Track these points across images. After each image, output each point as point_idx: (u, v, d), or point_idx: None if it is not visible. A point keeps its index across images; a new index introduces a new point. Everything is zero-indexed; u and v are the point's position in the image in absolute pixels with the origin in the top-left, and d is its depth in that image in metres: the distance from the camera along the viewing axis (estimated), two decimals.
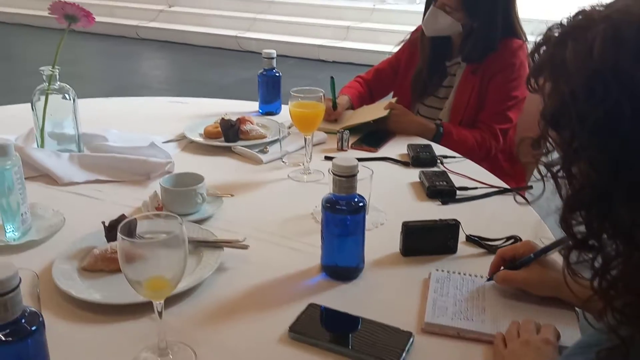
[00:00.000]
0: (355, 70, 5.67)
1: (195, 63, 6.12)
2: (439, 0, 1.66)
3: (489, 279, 0.93)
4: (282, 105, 1.85)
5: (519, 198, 1.25)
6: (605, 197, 0.52)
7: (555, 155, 0.57)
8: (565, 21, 0.57)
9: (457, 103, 1.69)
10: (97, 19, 5.58)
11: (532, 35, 0.62)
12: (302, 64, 5.98)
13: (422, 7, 1.66)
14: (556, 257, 0.90)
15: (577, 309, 0.86)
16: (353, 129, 1.59)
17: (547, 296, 0.88)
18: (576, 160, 0.54)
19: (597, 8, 0.54)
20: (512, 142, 1.69)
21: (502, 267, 0.92)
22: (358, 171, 0.92)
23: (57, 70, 1.36)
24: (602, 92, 0.50)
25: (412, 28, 1.77)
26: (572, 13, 0.56)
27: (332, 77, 1.74)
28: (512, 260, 0.91)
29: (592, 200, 0.53)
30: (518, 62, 1.62)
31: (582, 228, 0.55)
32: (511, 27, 1.64)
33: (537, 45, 0.59)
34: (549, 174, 0.57)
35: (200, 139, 1.55)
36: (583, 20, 0.55)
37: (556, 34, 0.57)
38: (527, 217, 1.14)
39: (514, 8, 1.64)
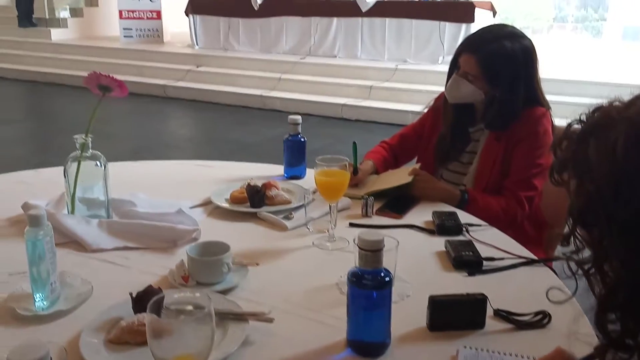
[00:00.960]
0: (378, 128, 5.78)
1: (221, 121, 6.25)
2: (461, 69, 1.69)
3: None
4: (307, 169, 1.87)
5: (547, 271, 1.23)
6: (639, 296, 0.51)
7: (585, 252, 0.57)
8: (584, 117, 0.58)
9: (481, 169, 1.70)
10: (127, 78, 5.79)
11: (549, 95, 0.63)
12: (326, 123, 6.07)
13: (443, 67, 1.71)
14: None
15: None
16: (377, 195, 1.60)
17: None
18: (607, 258, 0.54)
19: (615, 104, 0.55)
20: (538, 209, 1.68)
21: None
22: (384, 245, 0.92)
23: (90, 138, 1.40)
24: (628, 193, 0.51)
25: (434, 88, 1.82)
26: (591, 109, 0.57)
27: (354, 143, 1.76)
28: None
29: (626, 300, 0.53)
30: (542, 130, 1.63)
31: (617, 327, 0.54)
32: (534, 96, 1.66)
33: (559, 140, 0.60)
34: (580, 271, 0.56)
35: (226, 205, 1.57)
36: (603, 119, 0.56)
37: (577, 130, 0.58)
38: (556, 290, 1.12)
39: (536, 77, 1.66)
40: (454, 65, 1.73)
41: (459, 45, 1.74)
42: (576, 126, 0.59)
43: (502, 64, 1.63)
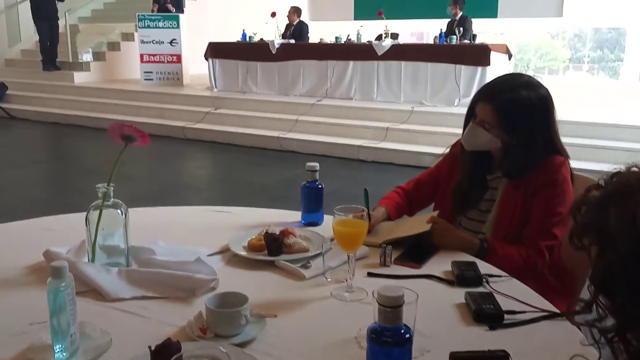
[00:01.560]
0: (395, 170, 5.80)
1: (239, 163, 6.31)
2: (478, 117, 1.70)
3: None
4: (324, 215, 1.87)
5: (570, 325, 1.21)
6: None
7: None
8: (602, 182, 0.58)
9: (500, 218, 1.69)
10: (147, 120, 5.95)
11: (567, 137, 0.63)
12: (342, 164, 6.10)
13: (460, 110, 1.73)
14: None
15: None
16: (395, 242, 1.59)
17: None
18: (630, 327, 0.53)
19: (632, 170, 0.55)
20: (559, 258, 1.66)
21: None
22: (404, 301, 0.91)
23: (112, 187, 1.42)
24: None
25: (451, 130, 1.82)
26: (609, 174, 0.57)
27: (365, 190, 1.76)
28: None
29: None
30: (561, 179, 1.62)
31: None
32: (552, 144, 1.66)
33: (578, 205, 0.60)
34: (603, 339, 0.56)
35: (243, 253, 1.58)
36: (621, 186, 0.56)
37: (596, 196, 0.58)
38: (579, 346, 1.10)
39: (553, 126, 1.66)
40: (471, 114, 1.74)
41: (475, 93, 1.75)
42: (595, 192, 0.59)
43: (518, 112, 1.64)
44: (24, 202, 4.71)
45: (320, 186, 1.89)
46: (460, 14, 7.93)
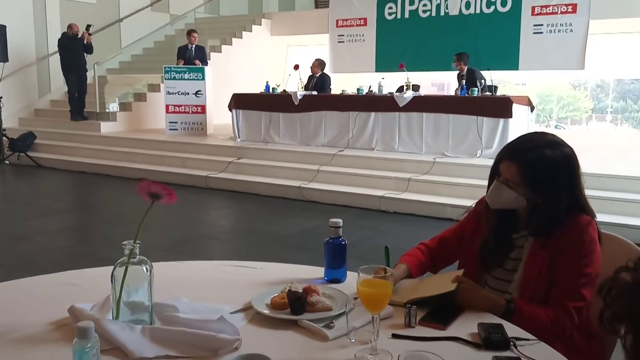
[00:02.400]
0: (416, 221, 5.77)
1: (260, 212, 6.33)
2: (502, 175, 1.70)
3: None
4: (348, 272, 1.86)
5: None
6: None
7: None
8: (632, 264, 0.57)
9: (527, 277, 1.66)
10: (171, 169, 6.05)
11: (591, 189, 0.62)
12: (364, 214, 6.09)
13: (482, 161, 1.72)
14: None
15: None
16: (420, 302, 1.57)
17: None
18: None
19: None
20: (588, 319, 1.62)
21: None
22: None
23: (138, 244, 1.44)
24: None
25: (473, 181, 1.81)
26: (638, 255, 0.56)
27: (386, 247, 1.76)
28: None
29: None
30: (588, 239, 1.60)
31: None
32: (578, 203, 1.64)
33: (608, 287, 0.59)
34: None
35: (266, 311, 1.57)
36: None
37: (627, 280, 0.57)
38: None
39: (579, 185, 1.65)
40: (495, 171, 1.74)
41: (499, 151, 1.76)
42: (625, 274, 0.58)
43: (543, 171, 1.63)
44: (48, 251, 4.76)
45: (343, 242, 1.88)
46: (465, 68, 8.01)
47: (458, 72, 8.17)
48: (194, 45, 9.61)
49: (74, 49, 9.64)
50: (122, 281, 1.44)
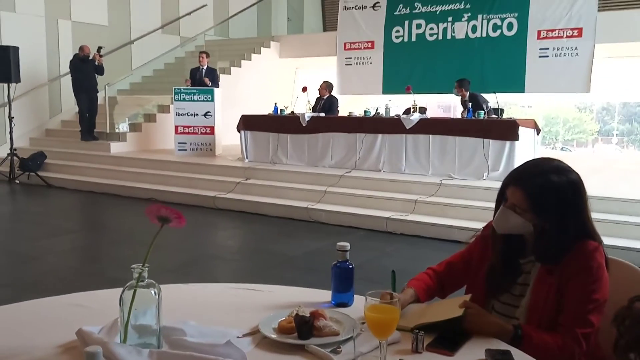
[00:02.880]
0: (423, 243, 5.76)
1: (267, 233, 6.34)
2: (508, 201, 1.71)
3: None
4: (355, 296, 1.87)
5: None
6: None
7: None
8: None
9: (534, 303, 1.66)
10: (179, 189, 6.10)
11: (598, 213, 0.63)
12: (371, 236, 6.09)
13: (488, 183, 1.73)
14: None
15: None
16: (427, 327, 1.57)
17: None
18: None
19: None
20: (597, 345, 1.62)
21: None
22: None
23: (147, 268, 1.45)
24: None
25: (479, 203, 1.81)
26: None
27: (393, 271, 1.76)
28: None
29: None
30: (596, 265, 1.60)
31: None
32: (585, 229, 1.65)
33: (622, 316, 0.60)
34: None
35: (274, 335, 1.57)
36: None
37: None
38: None
39: (586, 211, 1.66)
40: (501, 197, 1.75)
41: (505, 177, 1.77)
42: (638, 304, 0.59)
43: (549, 197, 1.64)
44: (57, 271, 4.78)
45: (350, 266, 1.89)
46: (467, 94, 8.05)
47: (460, 97, 8.23)
48: (204, 67, 9.71)
49: (85, 70, 9.77)
50: (131, 304, 1.45)
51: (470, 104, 7.40)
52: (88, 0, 11.36)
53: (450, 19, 9.87)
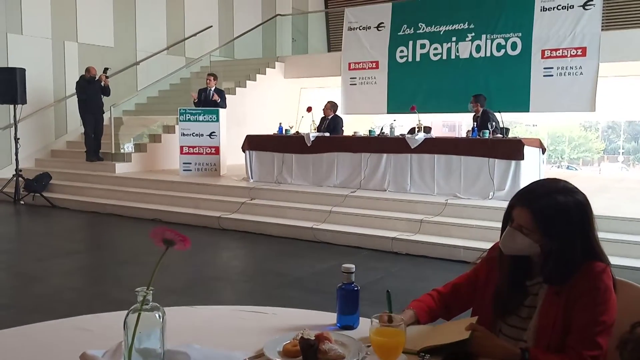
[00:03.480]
0: (429, 263, 5.73)
1: (272, 254, 6.32)
2: (515, 221, 1.70)
3: None
4: (360, 318, 1.85)
5: None
6: None
7: None
8: None
9: (542, 325, 1.64)
10: (184, 210, 6.11)
11: (604, 232, 0.62)
12: (376, 256, 6.06)
13: (494, 203, 1.73)
14: None
15: None
16: (433, 350, 1.55)
17: None
18: None
19: None
20: None
21: None
22: None
23: (152, 292, 1.44)
24: None
25: (485, 223, 1.80)
26: None
27: (388, 292, 1.75)
28: None
29: None
30: (603, 287, 1.58)
31: None
32: (592, 250, 1.63)
33: (624, 341, 0.59)
34: None
35: (278, 359, 1.55)
36: None
37: None
38: None
39: (592, 232, 1.65)
40: (508, 217, 1.74)
41: (512, 198, 1.76)
42: None
43: (556, 217, 1.63)
44: (61, 292, 4.77)
45: (356, 288, 1.88)
46: (481, 110, 8.07)
47: (474, 113, 8.23)
48: (212, 88, 9.77)
49: (91, 92, 9.85)
50: (135, 328, 1.44)
51: (479, 119, 7.40)
52: (94, 22, 11.48)
53: (454, 39, 9.95)
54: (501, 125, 7.71)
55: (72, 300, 4.59)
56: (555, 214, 1.63)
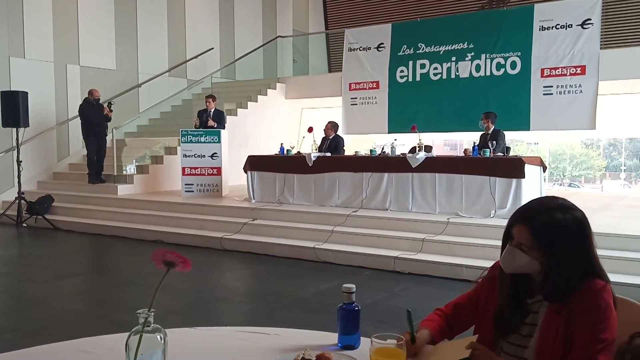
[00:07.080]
0: (431, 282, 5.71)
1: (274, 274, 6.31)
2: (514, 239, 1.71)
3: None
4: (362, 338, 1.85)
5: None
6: None
7: None
8: None
9: (542, 343, 1.65)
10: (186, 231, 6.12)
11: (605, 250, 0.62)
12: (378, 275, 6.05)
13: (496, 221, 1.74)
14: None
15: None
16: None
17: None
18: None
19: None
20: None
21: None
22: None
23: (153, 313, 1.45)
24: None
25: (487, 241, 1.81)
26: None
27: (408, 311, 1.75)
28: None
29: None
30: (604, 304, 1.59)
31: None
32: (591, 267, 1.64)
33: (622, 351, 0.60)
34: None
35: None
36: None
37: None
38: None
39: (591, 249, 1.66)
40: (507, 236, 1.75)
41: (510, 216, 1.77)
42: (639, 340, 0.59)
43: (555, 234, 1.64)
44: (63, 315, 4.75)
45: (357, 308, 1.88)
46: (492, 127, 8.11)
47: (483, 131, 8.24)
48: (212, 110, 9.83)
49: (94, 114, 9.92)
50: (137, 350, 1.45)
51: (492, 141, 7.39)
52: (96, 45, 11.59)
53: (454, 58, 10.02)
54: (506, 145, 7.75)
55: (74, 322, 4.57)
56: (554, 231, 1.65)
